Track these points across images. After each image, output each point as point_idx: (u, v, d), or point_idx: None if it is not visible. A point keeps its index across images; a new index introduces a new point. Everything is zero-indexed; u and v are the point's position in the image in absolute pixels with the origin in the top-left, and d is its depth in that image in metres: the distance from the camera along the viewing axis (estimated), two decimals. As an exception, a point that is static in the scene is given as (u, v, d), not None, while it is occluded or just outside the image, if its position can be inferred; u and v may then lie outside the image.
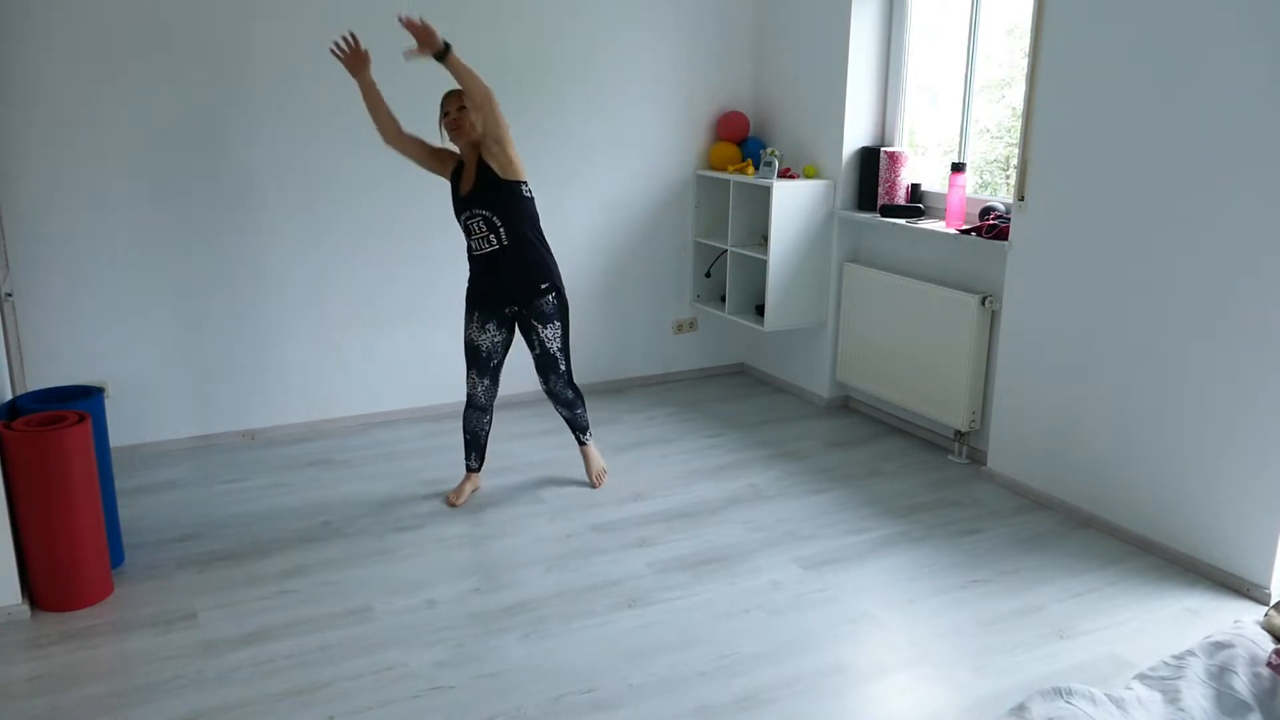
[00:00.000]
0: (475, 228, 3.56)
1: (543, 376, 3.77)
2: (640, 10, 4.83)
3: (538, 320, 3.66)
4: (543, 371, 3.75)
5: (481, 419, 3.82)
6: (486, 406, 3.80)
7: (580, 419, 3.93)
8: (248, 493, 3.91)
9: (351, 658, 2.83)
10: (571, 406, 3.87)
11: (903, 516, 3.76)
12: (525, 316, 3.67)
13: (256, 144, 4.21)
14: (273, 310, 4.38)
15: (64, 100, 3.87)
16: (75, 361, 4.08)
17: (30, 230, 3.91)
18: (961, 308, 4.13)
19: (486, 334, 3.68)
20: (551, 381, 3.76)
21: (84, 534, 3.02)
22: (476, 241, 3.58)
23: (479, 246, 3.58)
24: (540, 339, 3.68)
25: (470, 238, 3.60)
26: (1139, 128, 3.36)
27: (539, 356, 3.72)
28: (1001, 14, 4.18)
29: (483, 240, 3.56)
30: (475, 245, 3.59)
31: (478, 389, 3.75)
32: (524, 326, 3.70)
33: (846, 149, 4.67)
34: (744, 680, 2.75)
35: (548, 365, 3.73)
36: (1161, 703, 2.21)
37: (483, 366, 3.72)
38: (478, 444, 3.86)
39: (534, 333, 3.68)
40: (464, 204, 3.56)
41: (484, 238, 3.55)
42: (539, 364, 3.74)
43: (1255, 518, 3.17)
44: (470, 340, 3.71)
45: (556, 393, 3.80)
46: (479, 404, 3.78)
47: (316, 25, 4.19)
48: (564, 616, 3.06)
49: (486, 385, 3.75)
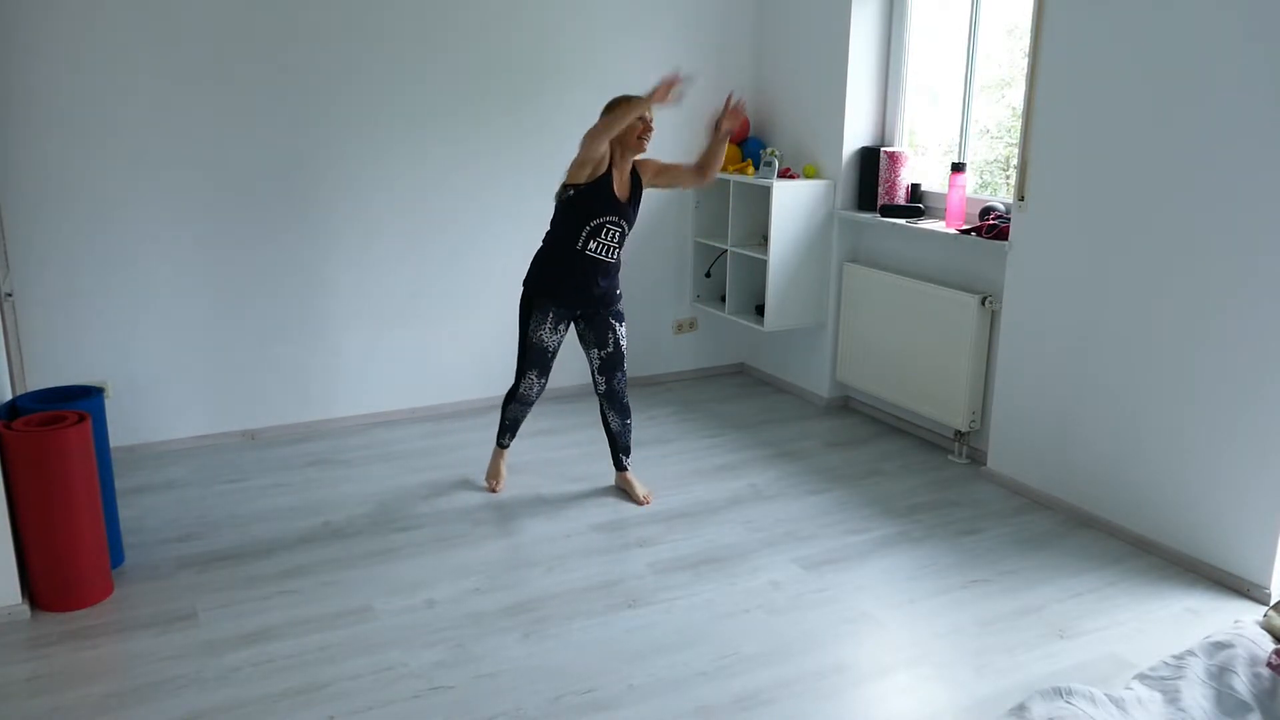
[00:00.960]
0: (608, 235, 3.58)
1: (609, 375, 3.78)
2: (640, 10, 4.83)
3: (615, 319, 3.73)
4: (610, 370, 3.77)
5: (525, 412, 3.89)
6: (534, 402, 3.86)
7: (628, 434, 3.89)
8: (248, 493, 3.91)
9: (351, 658, 2.83)
10: (625, 414, 3.86)
11: (903, 516, 3.76)
12: (605, 317, 3.71)
13: (256, 144, 4.21)
14: (273, 310, 4.38)
15: (64, 100, 3.87)
16: (75, 361, 4.08)
17: (30, 230, 3.91)
18: (961, 308, 4.13)
19: (558, 334, 3.72)
20: (618, 380, 3.79)
21: (84, 534, 3.02)
22: (600, 246, 3.59)
23: (601, 252, 3.60)
24: (617, 336, 3.74)
25: (594, 239, 3.57)
26: (1139, 128, 3.36)
27: (611, 354, 3.75)
28: (1001, 14, 4.18)
29: (608, 248, 3.61)
30: (597, 249, 3.59)
31: (534, 388, 3.79)
32: (600, 326, 3.72)
33: (846, 149, 4.67)
34: (744, 680, 2.75)
35: (617, 363, 3.77)
36: (1161, 703, 2.21)
37: (545, 366, 3.76)
38: (516, 429, 3.94)
39: (610, 331, 3.72)
40: (613, 209, 3.56)
41: (611, 247, 3.61)
42: (609, 362, 3.76)
43: (1255, 518, 3.17)
44: (541, 341, 3.70)
45: (620, 391, 3.81)
46: (529, 400, 3.83)
47: (315, 21, 4.19)
48: (564, 616, 3.06)
49: (543, 384, 3.80)
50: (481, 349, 4.83)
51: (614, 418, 3.86)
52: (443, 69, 4.50)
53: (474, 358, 4.83)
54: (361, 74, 4.33)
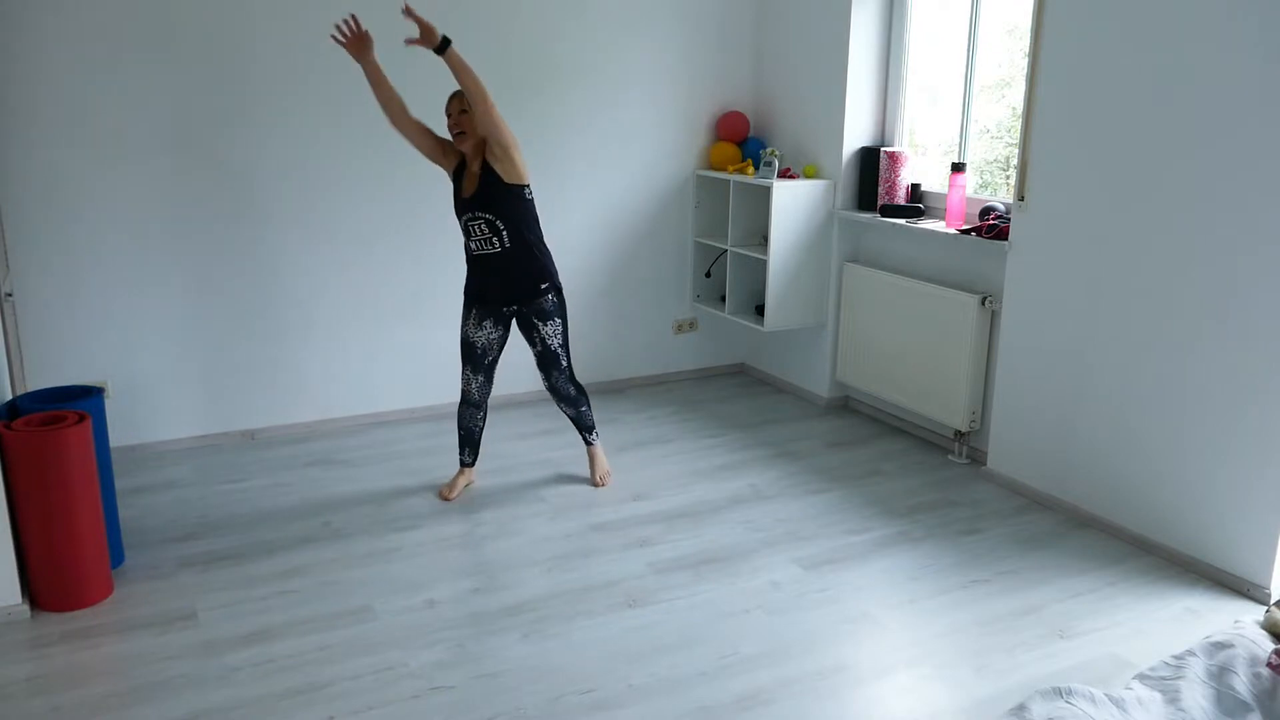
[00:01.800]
0: (476, 230, 3.56)
1: (545, 373, 3.78)
2: (640, 10, 4.83)
3: (538, 318, 3.67)
4: (544, 368, 3.77)
5: (475, 415, 3.84)
6: (480, 403, 3.81)
7: (586, 417, 3.93)
8: (248, 493, 3.91)
9: (351, 658, 2.83)
10: (575, 404, 3.87)
11: (903, 516, 3.76)
12: (526, 315, 3.68)
13: (257, 144, 4.21)
14: (273, 310, 4.38)
15: (64, 101, 3.87)
16: (75, 361, 4.08)
17: (30, 230, 3.91)
18: (961, 308, 4.13)
19: (483, 331, 3.70)
20: (554, 378, 3.78)
21: (84, 534, 3.02)
22: (477, 243, 3.59)
23: (480, 248, 3.59)
24: (541, 336, 3.70)
25: (470, 238, 3.60)
26: (1139, 127, 3.36)
27: (540, 354, 3.73)
28: (1001, 14, 4.18)
29: (484, 242, 3.57)
30: (476, 246, 3.60)
31: (472, 385, 3.78)
32: (524, 325, 3.71)
33: (846, 149, 4.67)
34: (744, 680, 2.75)
35: (549, 362, 3.74)
36: (1161, 703, 2.21)
37: (478, 363, 3.74)
38: (471, 440, 3.88)
39: (535, 330, 3.69)
40: (466, 206, 3.56)
41: (485, 240, 3.56)
42: (541, 361, 3.75)
43: (1255, 518, 3.17)
44: (466, 337, 3.72)
45: (559, 389, 3.81)
46: (473, 400, 3.80)
47: (317, 23, 4.19)
48: (564, 616, 3.06)
49: (481, 382, 3.78)
50: (481, 349, 4.83)
51: (564, 407, 3.89)
52: (443, 70, 4.49)
53: (474, 358, 4.83)
54: (359, 72, 4.32)
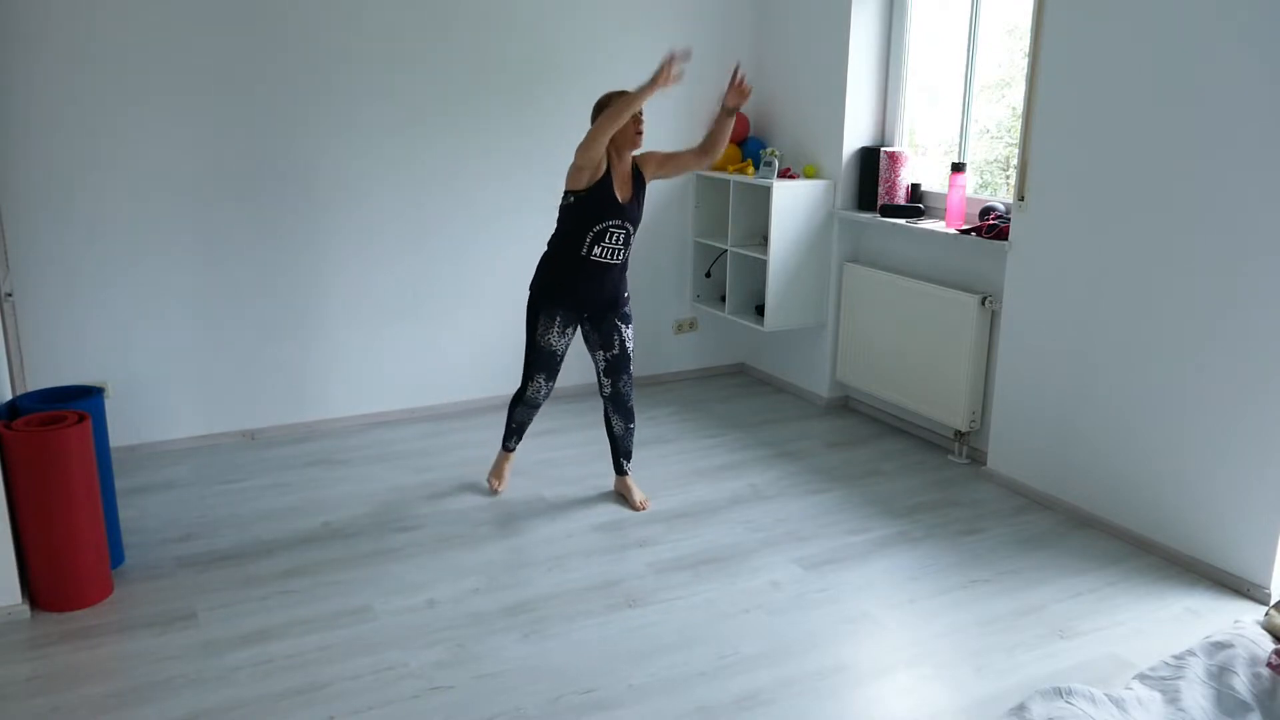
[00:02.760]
0: (613, 237, 3.55)
1: (614, 378, 3.75)
2: (640, 10, 4.83)
3: (622, 321, 3.70)
4: (617, 372, 3.74)
5: (533, 414, 3.87)
6: (541, 404, 3.83)
7: (630, 438, 3.87)
8: (248, 493, 3.91)
9: (351, 658, 2.83)
10: (629, 418, 3.84)
11: (903, 516, 3.76)
12: (611, 318, 3.69)
13: (256, 144, 4.21)
14: (273, 310, 4.38)
15: (64, 101, 3.87)
16: (75, 361, 4.08)
17: (30, 230, 3.91)
18: (961, 308, 4.13)
19: (565, 338, 3.68)
20: (623, 382, 3.76)
21: (84, 534, 3.02)
22: (605, 250, 3.55)
23: (606, 255, 3.56)
24: (622, 339, 3.71)
25: (599, 243, 3.53)
26: (1139, 128, 3.36)
27: (617, 357, 3.72)
28: (1001, 14, 4.18)
29: (613, 252, 3.57)
30: (602, 253, 3.55)
31: (541, 391, 3.75)
32: (606, 329, 3.69)
33: (846, 149, 4.67)
34: (744, 680, 2.75)
35: (624, 365, 3.74)
36: (1161, 703, 2.21)
37: (553, 370, 3.72)
38: (522, 431, 3.93)
39: (617, 334, 3.69)
40: (616, 212, 3.52)
41: (616, 250, 3.58)
42: (614, 365, 3.73)
43: (1255, 518, 3.17)
44: (550, 346, 3.66)
45: (625, 394, 3.78)
46: (536, 403, 3.80)
47: (319, 21, 4.19)
48: (564, 616, 3.06)
49: (550, 387, 3.77)
50: (482, 348, 4.83)
51: (618, 421, 3.84)
52: (442, 68, 4.50)
53: (474, 357, 4.83)
54: (360, 73, 4.34)
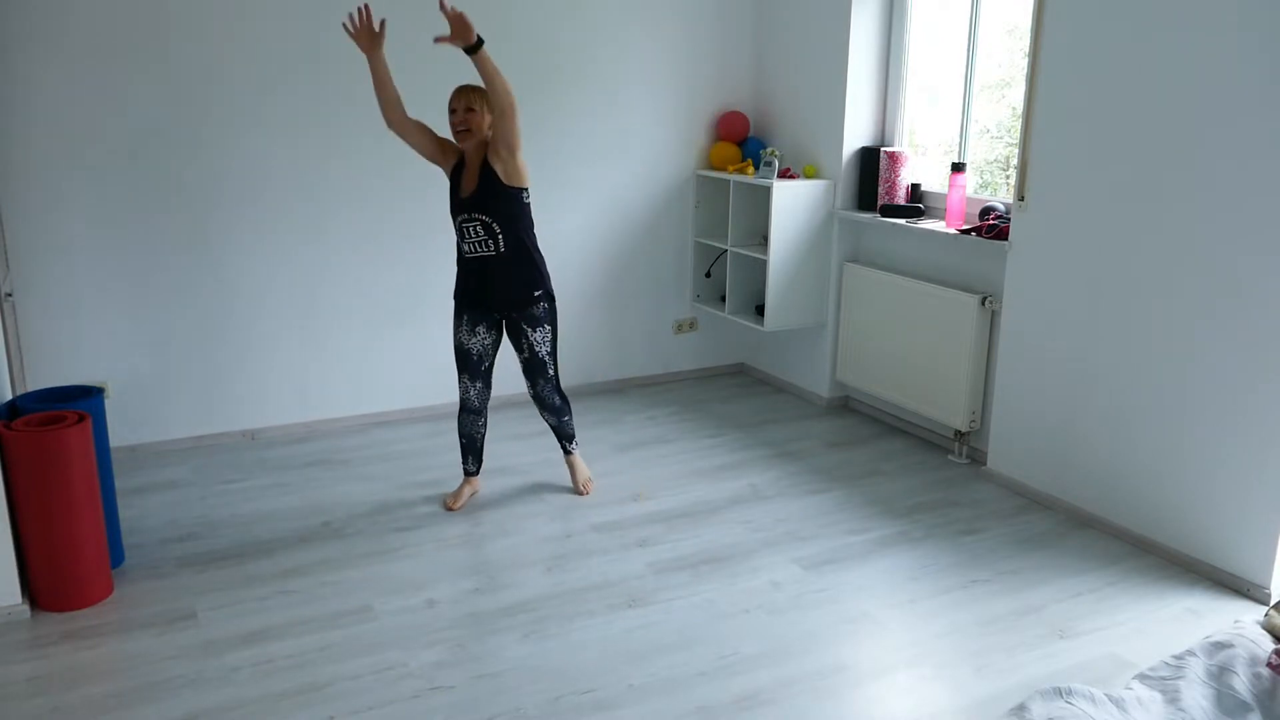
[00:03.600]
0: (471, 231, 3.49)
1: (530, 381, 3.72)
2: (640, 10, 4.83)
3: (528, 324, 3.61)
4: (530, 375, 3.70)
5: (476, 422, 3.78)
6: (481, 409, 3.76)
7: (567, 426, 3.87)
8: (248, 493, 3.91)
9: (351, 658, 2.83)
10: (559, 413, 3.81)
11: (903, 516, 3.76)
12: (515, 321, 3.62)
13: (256, 143, 4.21)
14: (273, 310, 4.38)
15: (64, 101, 3.87)
16: (75, 361, 4.08)
17: (30, 230, 3.91)
18: (961, 308, 4.13)
19: (477, 337, 3.65)
20: (539, 386, 3.71)
21: (84, 534, 3.02)
22: (471, 245, 3.51)
23: (473, 250, 3.52)
24: (530, 343, 3.63)
25: (464, 240, 3.52)
26: (1139, 127, 3.36)
27: (527, 360, 3.67)
28: (1001, 14, 4.18)
29: (478, 244, 3.50)
30: (469, 248, 3.53)
31: (470, 393, 3.72)
32: (513, 330, 3.65)
33: (846, 149, 4.67)
34: (744, 680, 2.75)
35: (536, 369, 3.68)
36: (1161, 703, 2.21)
37: (474, 370, 3.69)
38: (474, 448, 3.83)
39: (523, 337, 3.63)
40: (463, 206, 3.49)
41: (480, 242, 3.49)
42: (526, 368, 3.69)
43: (1255, 518, 3.17)
44: (460, 344, 3.66)
45: (544, 397, 3.75)
46: (473, 408, 3.75)
47: (312, 25, 4.19)
48: (564, 616, 3.06)
49: (480, 388, 3.72)
50: (481, 349, 4.83)
51: (547, 416, 3.83)
52: (442, 68, 4.49)
53: (474, 358, 4.83)
54: (359, 72, 4.32)
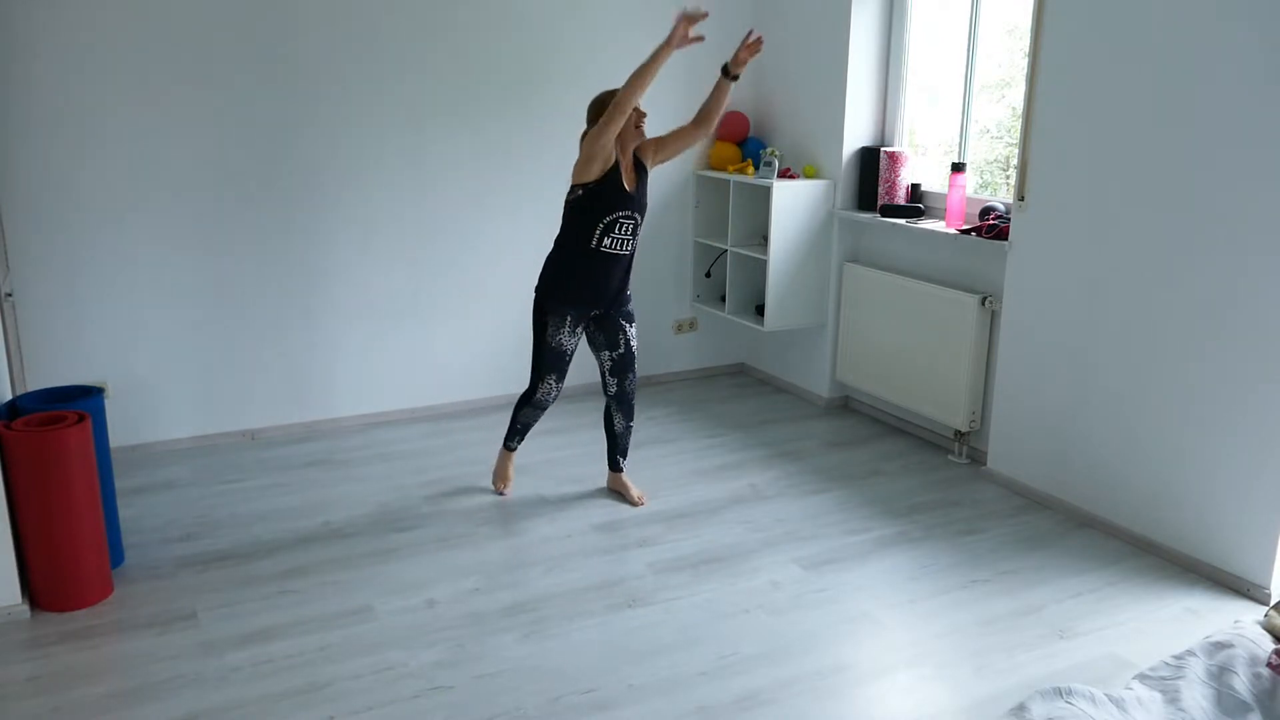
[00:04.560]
0: (623, 228, 3.50)
1: (619, 377, 3.73)
2: (640, 10, 4.83)
3: (626, 320, 3.67)
4: (621, 372, 3.72)
5: (539, 416, 3.83)
6: (549, 407, 3.79)
7: (628, 437, 3.88)
8: (248, 493, 3.91)
9: (351, 658, 2.83)
10: (630, 415, 3.83)
11: (903, 516, 3.76)
12: (615, 317, 3.65)
13: (256, 144, 4.21)
14: (273, 310, 4.38)
15: (64, 101, 3.87)
16: (75, 361, 4.08)
17: (30, 230, 3.91)
18: (961, 308, 4.13)
19: (576, 337, 3.65)
20: (629, 381, 3.75)
21: (84, 534, 3.02)
22: (615, 241, 3.51)
23: (616, 247, 3.52)
24: (628, 337, 3.69)
25: (608, 235, 3.49)
26: (1139, 128, 3.36)
27: (622, 355, 3.70)
28: (1001, 14, 4.18)
29: (623, 242, 3.53)
30: (612, 244, 3.51)
31: (552, 394, 3.72)
32: (611, 327, 3.66)
33: (846, 149, 4.67)
34: (744, 680, 2.75)
35: (629, 364, 3.72)
36: (1161, 703, 2.21)
37: (563, 371, 3.69)
38: (526, 432, 3.90)
39: (622, 332, 3.67)
40: (625, 202, 3.48)
41: (626, 240, 3.53)
42: (620, 364, 3.71)
43: (1255, 518, 3.17)
44: (560, 346, 3.62)
45: (629, 393, 3.77)
46: (544, 405, 3.76)
47: (318, 21, 4.19)
48: (564, 616, 3.06)
49: (560, 388, 3.74)
50: (482, 348, 4.83)
51: (619, 419, 3.83)
52: (442, 68, 4.50)
53: (474, 357, 4.83)
54: (361, 73, 4.33)
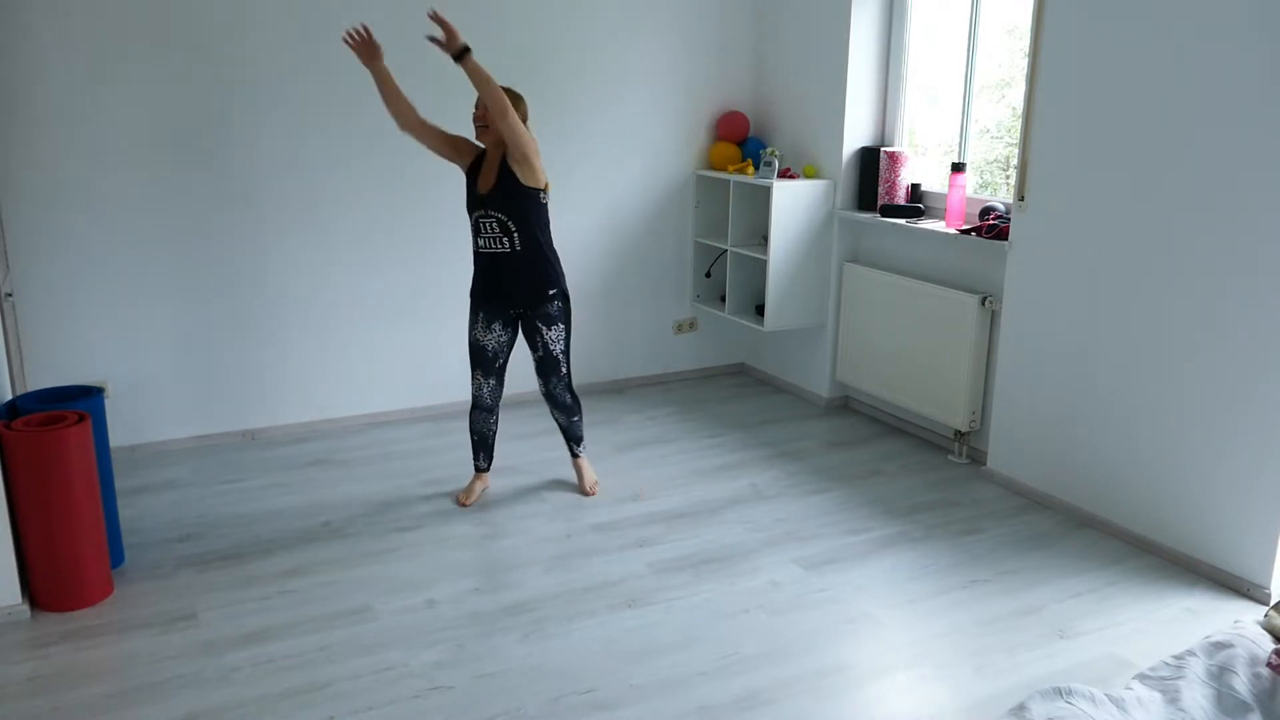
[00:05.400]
0: (487, 227, 3.53)
1: (543, 379, 3.75)
2: (640, 10, 4.83)
3: (542, 323, 3.64)
4: (544, 374, 3.73)
5: (488, 420, 3.81)
6: (492, 407, 3.78)
7: (576, 428, 3.89)
8: (248, 493, 3.91)
9: (351, 658, 2.83)
10: (569, 413, 3.84)
11: (903, 516, 3.76)
12: (530, 318, 3.65)
13: (257, 143, 4.21)
14: (273, 310, 4.38)
15: (64, 100, 3.87)
16: (75, 361, 4.07)
17: (30, 230, 3.91)
18: (961, 308, 4.13)
19: (492, 334, 3.67)
20: (552, 384, 3.74)
21: (84, 534, 3.02)
22: (485, 240, 3.55)
23: (488, 245, 3.56)
24: (544, 340, 3.66)
25: (479, 235, 3.56)
26: (1139, 128, 3.36)
27: (541, 359, 3.70)
28: (1001, 14, 4.18)
29: (493, 240, 3.53)
30: (484, 244, 3.56)
31: (483, 390, 3.74)
32: (528, 328, 3.68)
33: (846, 149, 4.67)
34: (744, 680, 2.75)
35: (550, 368, 3.71)
36: (1161, 703, 2.21)
37: (488, 367, 3.71)
38: (486, 444, 3.86)
39: (538, 335, 3.66)
40: (480, 202, 3.53)
41: (495, 238, 3.53)
42: (540, 366, 3.72)
43: (1255, 518, 3.17)
44: (475, 341, 3.69)
45: (556, 396, 3.77)
46: (485, 405, 3.77)
47: (315, 23, 4.19)
48: (564, 616, 3.06)
49: (492, 385, 3.74)
50: (481, 349, 4.83)
51: (558, 416, 3.86)
52: (444, 68, 4.49)
53: (474, 358, 4.83)
54: (362, 73, 4.33)
